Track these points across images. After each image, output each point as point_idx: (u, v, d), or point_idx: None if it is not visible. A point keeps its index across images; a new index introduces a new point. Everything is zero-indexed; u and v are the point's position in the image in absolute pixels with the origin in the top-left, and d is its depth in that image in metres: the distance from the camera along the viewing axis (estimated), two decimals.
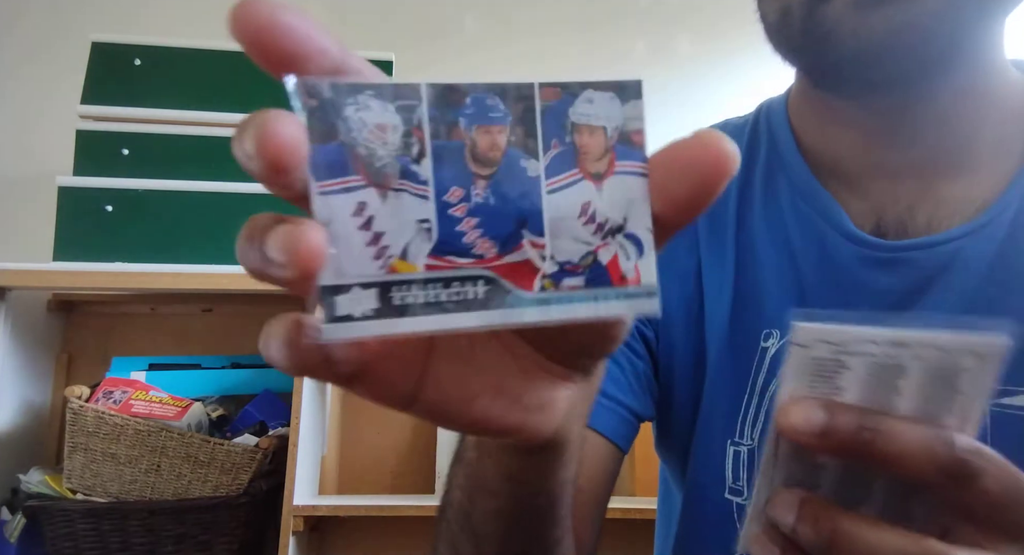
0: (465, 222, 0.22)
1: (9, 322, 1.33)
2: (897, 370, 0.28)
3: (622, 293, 0.23)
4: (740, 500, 0.51)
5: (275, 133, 0.20)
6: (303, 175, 0.20)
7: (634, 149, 0.23)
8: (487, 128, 0.22)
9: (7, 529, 1.22)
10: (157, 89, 1.41)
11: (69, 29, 1.69)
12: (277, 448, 1.26)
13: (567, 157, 0.22)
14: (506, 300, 0.22)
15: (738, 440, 0.51)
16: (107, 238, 1.32)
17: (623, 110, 0.23)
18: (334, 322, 0.21)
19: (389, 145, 0.21)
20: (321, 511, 1.24)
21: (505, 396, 0.26)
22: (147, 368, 1.39)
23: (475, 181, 0.22)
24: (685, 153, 0.22)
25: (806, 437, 0.28)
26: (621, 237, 0.23)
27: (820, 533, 0.29)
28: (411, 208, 0.21)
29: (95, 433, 1.20)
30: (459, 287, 0.22)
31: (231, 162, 0.18)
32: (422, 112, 0.21)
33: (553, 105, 0.22)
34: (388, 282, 0.21)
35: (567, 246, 0.22)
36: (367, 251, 0.21)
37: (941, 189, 0.50)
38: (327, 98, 0.21)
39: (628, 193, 0.23)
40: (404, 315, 0.21)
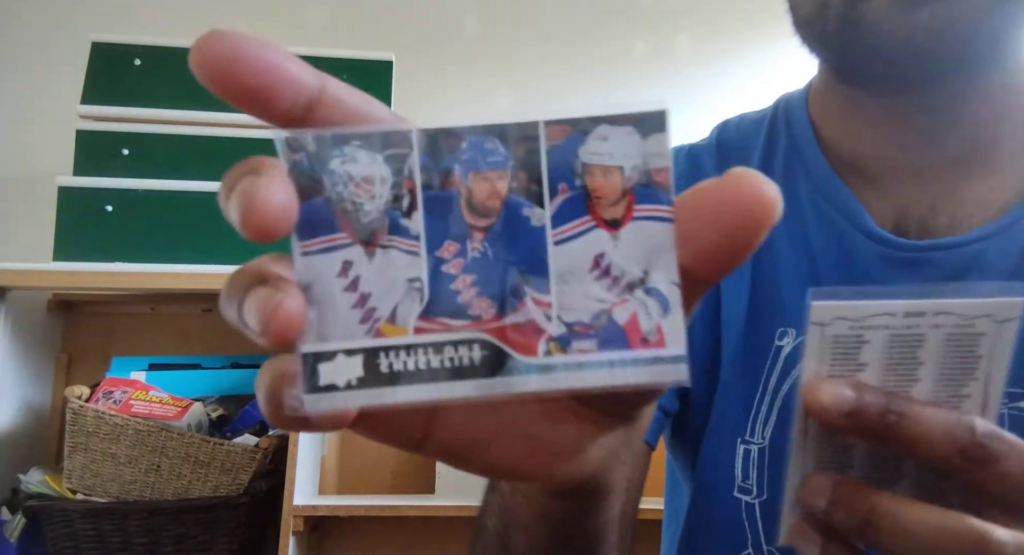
0: (460, 280, 0.20)
1: (9, 322, 1.33)
2: (916, 340, 0.28)
3: (642, 358, 0.20)
4: (748, 499, 0.50)
5: (262, 207, 0.18)
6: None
7: (657, 191, 0.20)
8: (485, 175, 0.20)
9: (7, 529, 1.23)
10: (157, 89, 1.41)
11: (69, 29, 1.69)
12: (277, 448, 1.26)
13: (577, 203, 0.20)
14: (506, 367, 0.20)
15: (748, 439, 0.51)
16: (107, 238, 1.32)
17: (643, 146, 0.20)
18: (316, 392, 0.19)
19: (377, 199, 0.20)
20: (321, 511, 1.24)
21: (527, 440, 0.24)
22: (147, 368, 1.39)
23: (472, 234, 0.20)
24: (715, 195, 0.19)
25: (834, 417, 0.28)
26: (641, 293, 0.20)
27: (856, 514, 0.28)
28: (401, 266, 0.20)
29: (95, 433, 1.20)
30: (453, 352, 0.20)
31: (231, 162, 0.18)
32: (413, 161, 0.20)
33: (561, 144, 0.20)
34: (375, 348, 0.20)
35: (577, 304, 0.20)
36: (352, 314, 0.20)
37: (964, 189, 0.49)
38: (311, 151, 0.20)
39: (650, 242, 0.20)
40: (392, 384, 0.19)
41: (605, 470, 0.28)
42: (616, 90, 1.81)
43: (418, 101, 1.64)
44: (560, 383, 0.20)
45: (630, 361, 0.20)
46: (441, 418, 0.23)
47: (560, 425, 0.24)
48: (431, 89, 1.70)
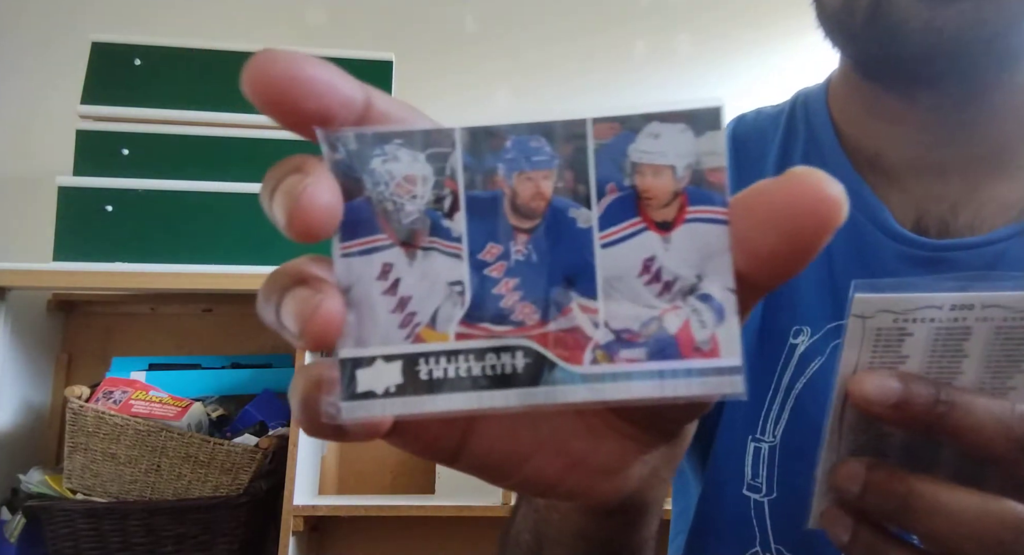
0: (503, 284, 0.19)
1: (9, 322, 1.33)
2: (962, 333, 0.28)
3: (695, 369, 0.19)
4: (758, 497, 0.50)
5: (307, 208, 0.18)
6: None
7: (712, 191, 0.19)
8: (529, 174, 0.19)
9: (7, 529, 1.23)
10: (157, 89, 1.41)
11: (69, 29, 1.69)
12: (277, 448, 1.26)
13: (626, 204, 0.19)
14: (550, 375, 0.19)
15: (760, 437, 0.50)
16: (107, 238, 1.32)
17: (697, 144, 0.19)
18: (354, 399, 0.19)
19: (418, 199, 0.19)
20: (321, 511, 1.24)
21: (566, 456, 0.23)
22: (147, 368, 1.39)
23: (515, 236, 0.19)
24: (774, 196, 0.18)
25: (879, 408, 0.27)
26: (694, 299, 0.19)
27: (892, 497, 0.27)
28: (442, 269, 0.19)
29: (95, 433, 1.20)
30: (495, 359, 0.19)
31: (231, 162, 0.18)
32: (455, 160, 0.19)
33: (609, 143, 0.19)
34: (414, 354, 0.19)
35: (625, 311, 0.19)
36: (392, 319, 0.19)
37: (985, 189, 0.49)
38: (352, 150, 0.19)
39: (703, 245, 0.19)
40: (432, 392, 0.19)
41: (646, 488, 0.26)
42: (616, 90, 1.81)
43: (418, 101, 1.62)
44: (607, 394, 0.19)
45: (682, 372, 0.19)
46: (478, 431, 0.22)
47: (602, 441, 0.23)
48: (431, 89, 1.70)
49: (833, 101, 0.55)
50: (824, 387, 0.47)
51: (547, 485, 0.24)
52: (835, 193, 0.18)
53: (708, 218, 0.19)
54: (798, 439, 0.48)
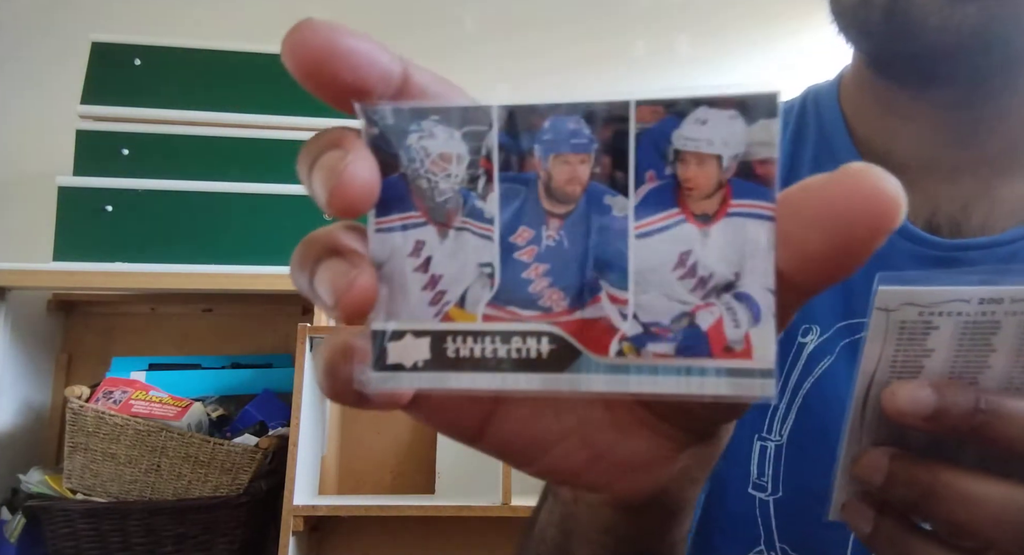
0: (532, 268, 0.19)
1: (9, 322, 1.33)
2: (990, 327, 0.27)
3: (724, 369, 0.18)
4: (763, 496, 0.50)
5: (349, 183, 0.18)
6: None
7: (758, 184, 0.18)
8: (566, 157, 0.19)
9: (7, 529, 1.23)
10: (157, 89, 1.41)
11: (69, 29, 1.69)
12: (277, 448, 1.26)
13: (666, 193, 0.18)
14: (574, 363, 0.19)
15: (766, 435, 0.50)
16: (107, 238, 1.32)
17: (748, 132, 0.18)
18: (384, 370, 0.19)
19: (453, 177, 0.19)
20: (321, 511, 1.24)
21: (590, 448, 0.23)
22: (147, 368, 1.39)
23: (547, 221, 0.19)
24: (826, 193, 0.17)
25: (913, 419, 0.27)
26: (730, 297, 0.18)
27: (917, 487, 0.27)
28: (473, 249, 0.19)
29: (95, 433, 1.20)
30: (520, 343, 0.19)
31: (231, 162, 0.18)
32: (492, 139, 0.19)
33: (653, 128, 0.18)
34: (442, 332, 0.19)
35: (656, 304, 0.18)
36: (422, 296, 0.19)
37: (998, 188, 0.49)
38: (388, 125, 0.19)
39: (745, 241, 0.18)
40: (457, 369, 0.19)
41: (678, 488, 0.26)
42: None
43: None
44: (630, 386, 0.18)
45: (710, 371, 0.18)
46: (501, 414, 0.22)
47: (629, 436, 0.23)
48: None
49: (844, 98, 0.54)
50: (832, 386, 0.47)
51: (570, 475, 0.23)
52: (893, 192, 0.17)
53: (752, 213, 0.18)
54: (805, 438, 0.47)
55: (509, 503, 1.21)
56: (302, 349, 1.24)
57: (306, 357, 1.24)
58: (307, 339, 1.24)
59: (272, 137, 1.40)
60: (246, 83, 1.43)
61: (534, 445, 0.23)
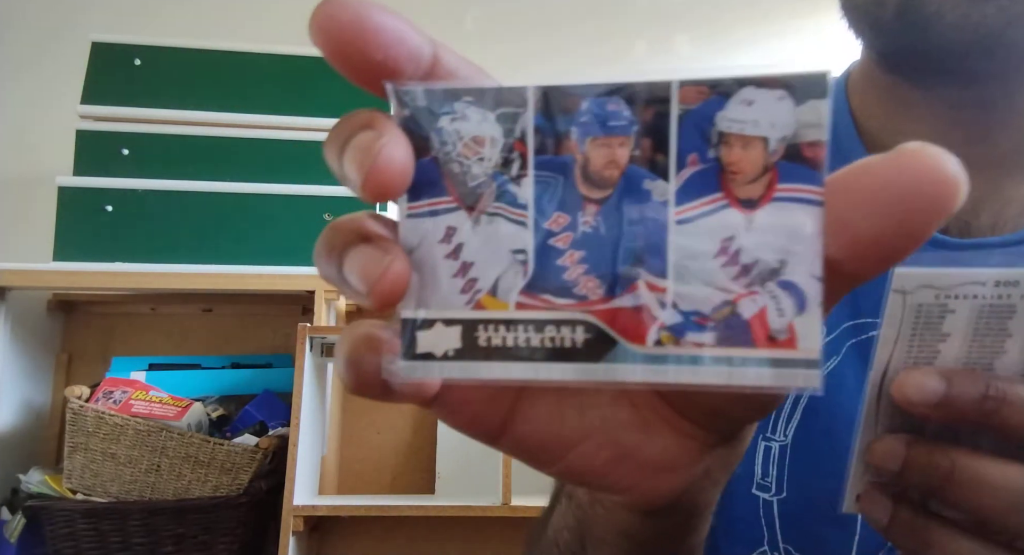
0: (568, 255, 0.18)
1: (9, 322, 1.33)
2: (1006, 311, 0.27)
3: (767, 359, 0.17)
4: (767, 496, 0.50)
5: (385, 166, 0.17)
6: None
7: (807, 168, 0.17)
8: (605, 140, 0.18)
9: (7, 529, 1.22)
10: (157, 89, 1.41)
11: (69, 29, 1.69)
12: (277, 448, 1.26)
13: (708, 177, 0.18)
14: (610, 353, 0.18)
15: (770, 435, 0.50)
16: (107, 238, 1.32)
17: (796, 114, 0.17)
18: (413, 360, 0.19)
19: (486, 161, 0.18)
20: (321, 511, 1.24)
21: (614, 448, 0.22)
22: (147, 368, 1.39)
23: (584, 206, 0.18)
24: (881, 174, 0.16)
25: (922, 408, 0.26)
26: (774, 285, 0.17)
27: (936, 472, 0.26)
28: (506, 236, 0.18)
29: (95, 433, 1.20)
30: (554, 332, 0.18)
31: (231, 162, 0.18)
32: (526, 121, 0.18)
33: (696, 109, 0.17)
34: (474, 320, 0.18)
35: (697, 292, 0.18)
36: (453, 283, 0.19)
37: (1008, 188, 0.48)
38: (420, 106, 0.18)
39: (791, 227, 0.17)
40: (488, 359, 0.18)
41: (699, 491, 0.25)
42: None
43: None
44: (668, 377, 0.18)
45: (753, 361, 0.17)
46: (523, 411, 0.22)
47: (654, 436, 0.22)
48: None
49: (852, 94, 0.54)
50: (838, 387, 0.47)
51: (592, 476, 0.23)
52: (953, 172, 0.16)
53: (799, 198, 0.17)
54: (810, 439, 0.47)
55: (509, 503, 1.21)
56: (302, 349, 1.24)
57: (306, 357, 1.24)
58: (307, 339, 1.24)
59: (272, 137, 1.40)
60: (246, 83, 1.43)
61: (556, 444, 0.22)
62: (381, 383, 0.19)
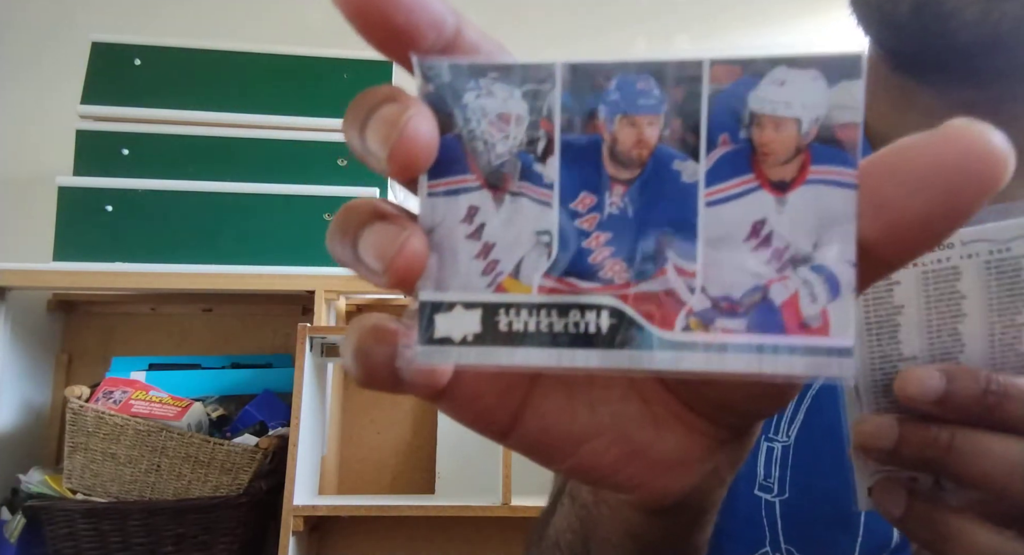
0: (594, 237, 0.18)
1: (9, 322, 1.33)
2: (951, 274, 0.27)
3: (799, 346, 0.17)
4: (769, 497, 0.50)
5: (412, 139, 0.17)
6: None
7: (840, 150, 0.17)
8: (633, 119, 0.17)
9: (7, 529, 1.22)
10: (157, 89, 1.41)
11: (69, 29, 1.69)
12: (277, 448, 1.26)
13: (740, 158, 0.17)
14: (636, 339, 0.17)
15: (773, 436, 0.50)
16: (107, 238, 1.32)
17: (830, 95, 0.17)
18: (430, 344, 0.18)
19: (511, 139, 0.18)
20: (321, 511, 1.24)
21: (625, 444, 0.22)
22: (147, 368, 1.39)
23: (611, 186, 0.18)
24: (927, 152, 0.16)
25: (923, 404, 0.26)
26: (807, 270, 0.17)
27: (935, 444, 0.26)
28: (530, 216, 0.18)
29: (95, 433, 1.20)
30: (578, 317, 0.18)
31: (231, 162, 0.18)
32: (553, 98, 0.18)
33: (728, 89, 0.17)
34: (495, 304, 0.18)
35: (727, 276, 0.17)
36: (474, 265, 0.18)
37: (1017, 189, 0.48)
38: (445, 82, 0.18)
39: (824, 210, 0.17)
40: (509, 344, 0.18)
41: (707, 489, 0.25)
42: None
43: None
44: (696, 364, 0.17)
45: (784, 348, 0.17)
46: (533, 406, 0.21)
47: (666, 432, 0.22)
48: None
49: None
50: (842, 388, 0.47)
51: (602, 473, 0.22)
52: (1001, 148, 0.16)
53: (833, 180, 0.17)
54: (813, 440, 0.47)
55: (509, 503, 1.21)
56: (302, 349, 1.24)
57: (306, 357, 1.24)
58: (307, 339, 1.24)
59: (272, 137, 1.40)
60: (246, 83, 1.43)
61: (567, 440, 0.22)
62: (391, 374, 0.18)
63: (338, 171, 1.39)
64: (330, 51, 1.46)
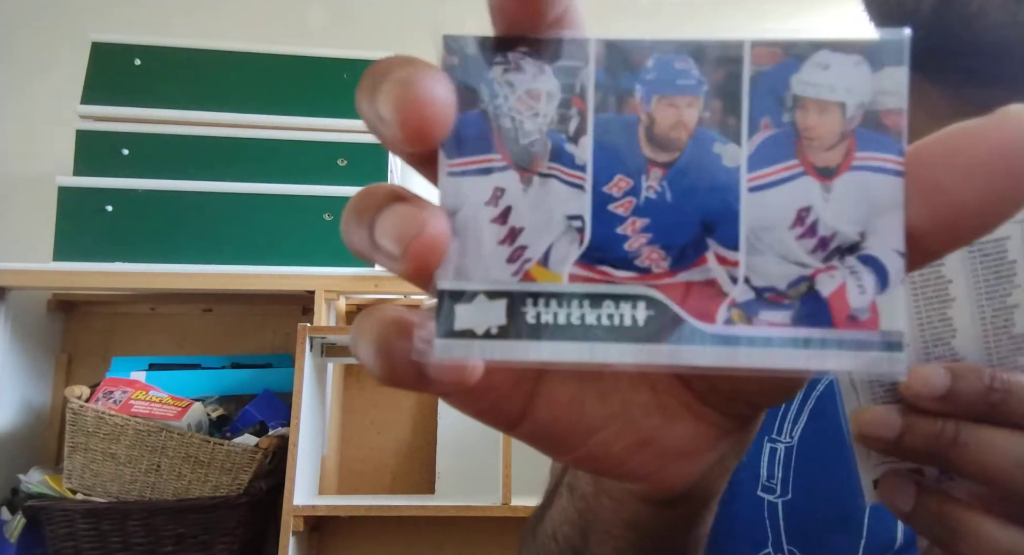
0: (630, 223, 0.17)
1: (9, 322, 1.33)
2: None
3: (848, 340, 0.16)
4: (771, 498, 0.50)
5: (424, 98, 0.16)
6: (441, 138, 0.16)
7: (886, 135, 0.16)
8: (672, 100, 0.17)
9: (7, 529, 1.22)
10: (157, 89, 1.41)
11: (69, 29, 1.69)
12: (277, 448, 1.26)
13: (783, 143, 0.16)
14: (676, 332, 0.16)
15: (776, 437, 0.50)
16: (107, 238, 1.32)
17: (874, 80, 0.16)
18: (450, 337, 0.16)
19: (541, 117, 0.17)
20: (321, 511, 1.24)
21: (635, 434, 0.21)
22: (147, 368, 1.39)
23: (648, 170, 0.17)
24: (984, 137, 0.16)
25: (928, 401, 0.26)
26: (854, 260, 0.16)
27: (941, 436, 0.26)
28: (560, 199, 0.17)
29: (95, 433, 1.20)
30: (613, 308, 0.17)
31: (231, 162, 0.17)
32: (587, 76, 0.17)
33: (769, 71, 0.16)
34: (521, 293, 0.17)
35: (771, 266, 0.16)
36: (499, 251, 0.17)
37: None
38: (470, 55, 0.17)
39: (871, 198, 0.16)
40: (538, 338, 0.16)
41: (712, 477, 0.25)
42: None
43: None
44: (739, 360, 0.16)
45: (832, 342, 0.16)
46: (543, 396, 0.21)
47: (675, 422, 0.21)
48: None
49: None
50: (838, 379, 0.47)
51: (610, 463, 0.22)
52: None
53: (879, 167, 0.16)
54: (815, 441, 0.47)
55: (509, 503, 1.21)
56: (302, 349, 1.24)
57: (306, 357, 1.24)
58: (307, 339, 1.24)
59: (272, 137, 1.40)
60: (246, 83, 1.43)
61: (577, 430, 0.21)
62: (416, 371, 0.17)
63: (338, 171, 1.39)
64: (330, 51, 1.46)
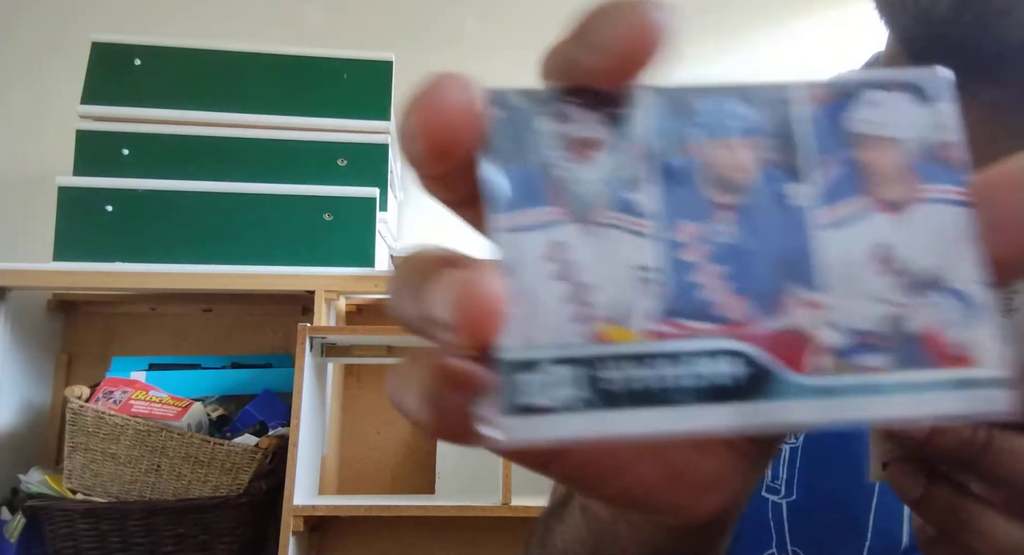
0: (702, 270, 0.16)
1: (9, 322, 1.33)
2: None
3: (949, 381, 0.15)
4: (776, 498, 0.49)
5: (441, 104, 0.15)
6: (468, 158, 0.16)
7: (947, 168, 0.16)
8: (728, 142, 0.16)
9: (7, 529, 1.22)
10: (157, 89, 1.41)
11: (69, 29, 1.69)
12: (277, 448, 1.26)
13: (848, 179, 0.16)
14: (769, 387, 0.15)
15: None
16: (107, 238, 1.32)
17: (925, 116, 0.17)
18: (517, 414, 0.14)
19: (596, 166, 0.16)
20: (321, 511, 1.24)
21: (667, 467, 0.21)
22: (147, 368, 1.39)
23: (715, 213, 0.16)
24: None
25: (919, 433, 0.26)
26: (936, 295, 0.16)
27: (973, 440, 0.25)
28: (625, 250, 0.16)
29: (95, 433, 1.20)
30: (697, 366, 0.15)
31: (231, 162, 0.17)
32: (639, 122, 0.16)
33: (822, 111, 0.17)
34: (592, 357, 0.15)
35: (856, 306, 0.16)
36: (563, 310, 0.15)
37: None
38: (516, 107, 0.16)
39: (942, 230, 0.16)
40: (618, 407, 0.15)
41: (735, 505, 0.24)
42: None
43: None
44: (845, 413, 0.15)
45: (935, 385, 0.15)
46: None
47: (706, 454, 0.21)
48: None
49: None
50: None
51: (644, 498, 0.21)
52: None
53: (945, 199, 0.16)
54: (821, 441, 0.47)
55: (509, 503, 1.21)
56: (302, 349, 1.24)
57: (306, 357, 1.24)
58: (307, 339, 1.24)
59: (272, 137, 1.40)
60: (246, 83, 1.43)
61: (609, 468, 0.20)
62: (473, 431, 0.15)
63: (338, 171, 1.39)
64: (330, 51, 1.46)
